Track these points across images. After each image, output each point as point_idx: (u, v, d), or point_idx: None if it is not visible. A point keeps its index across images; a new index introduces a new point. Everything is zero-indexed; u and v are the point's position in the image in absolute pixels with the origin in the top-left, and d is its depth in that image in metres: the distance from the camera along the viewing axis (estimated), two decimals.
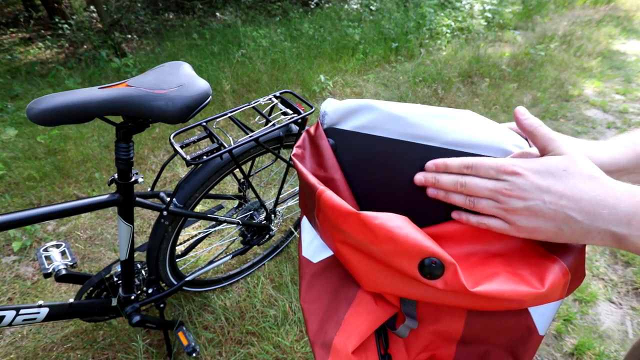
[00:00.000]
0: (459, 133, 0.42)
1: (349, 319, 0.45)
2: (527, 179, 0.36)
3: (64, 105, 0.64)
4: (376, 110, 0.44)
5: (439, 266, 0.37)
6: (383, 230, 0.38)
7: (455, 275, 0.37)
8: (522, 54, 3.39)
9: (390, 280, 0.42)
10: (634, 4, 5.18)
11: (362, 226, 0.39)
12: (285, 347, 1.22)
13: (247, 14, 4.76)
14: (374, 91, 2.90)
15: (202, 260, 1.53)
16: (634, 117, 2.63)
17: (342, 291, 0.48)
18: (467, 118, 0.43)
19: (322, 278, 0.49)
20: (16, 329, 1.28)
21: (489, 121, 0.43)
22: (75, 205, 0.78)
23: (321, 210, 0.43)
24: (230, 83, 2.78)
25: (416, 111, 0.43)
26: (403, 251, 0.38)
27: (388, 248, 0.39)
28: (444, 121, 0.42)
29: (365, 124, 0.45)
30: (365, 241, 0.40)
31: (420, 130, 0.42)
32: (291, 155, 0.49)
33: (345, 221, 0.40)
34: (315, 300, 0.49)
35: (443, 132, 0.42)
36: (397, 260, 0.39)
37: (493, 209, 0.39)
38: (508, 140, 0.42)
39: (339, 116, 0.47)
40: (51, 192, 1.86)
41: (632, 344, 0.62)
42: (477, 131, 0.42)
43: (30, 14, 4.78)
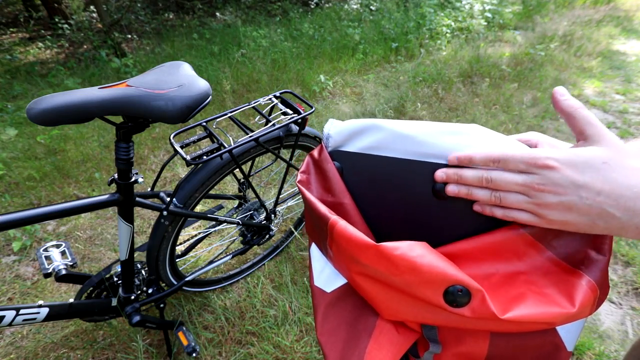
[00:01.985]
0: (469, 149, 0.41)
1: (372, 352, 0.42)
2: (562, 173, 0.33)
3: (64, 105, 0.64)
4: (383, 130, 0.43)
5: (465, 294, 0.35)
6: (404, 261, 0.36)
7: (483, 303, 0.36)
8: (522, 54, 3.39)
9: (412, 308, 0.40)
10: (634, 4, 5.18)
11: (382, 258, 0.37)
12: (285, 347, 1.22)
13: (247, 14, 4.76)
14: (374, 91, 2.90)
15: (202, 260, 1.53)
16: (634, 117, 2.63)
17: (360, 321, 0.45)
18: (475, 133, 0.42)
19: (337, 308, 0.47)
20: (16, 329, 1.28)
21: (497, 134, 0.42)
22: (75, 205, 0.78)
23: (335, 242, 0.41)
24: (230, 83, 2.78)
25: (424, 129, 0.42)
26: (427, 281, 0.36)
27: (410, 278, 0.37)
28: (452, 137, 0.41)
29: (371, 145, 0.44)
30: (386, 272, 0.38)
31: (430, 148, 0.41)
32: (296, 182, 0.47)
33: (363, 253, 0.39)
34: (332, 333, 0.46)
35: (452, 149, 0.41)
36: (420, 290, 0.37)
37: (523, 204, 0.37)
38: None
39: (343, 138, 0.45)
40: (51, 192, 1.86)
41: (631, 344, 0.62)
42: (485, 146, 0.41)
43: (30, 14, 4.78)
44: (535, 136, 0.45)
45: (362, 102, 2.76)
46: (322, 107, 2.64)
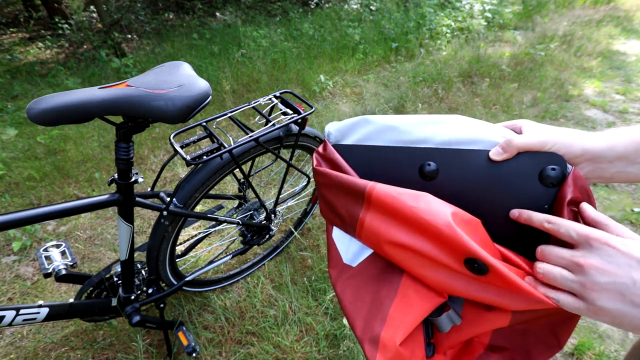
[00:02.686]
0: (449, 133, 0.45)
1: (394, 314, 0.45)
2: (617, 250, 0.30)
3: (64, 105, 0.64)
4: (372, 124, 0.49)
5: (482, 266, 0.38)
6: (432, 226, 0.40)
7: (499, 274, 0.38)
8: (522, 54, 3.39)
9: (436, 273, 0.43)
10: (634, 4, 5.18)
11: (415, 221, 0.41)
12: (285, 347, 1.22)
13: (247, 14, 4.76)
14: (374, 91, 2.90)
15: (202, 260, 1.53)
16: (634, 117, 2.63)
17: (384, 286, 0.48)
18: (455, 121, 0.46)
19: (362, 278, 0.51)
20: (16, 329, 1.28)
21: (478, 121, 0.46)
22: (75, 205, 0.78)
23: (373, 207, 0.45)
24: (230, 83, 2.78)
25: (407, 120, 0.48)
26: (449, 247, 0.40)
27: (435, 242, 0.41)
28: (433, 126, 0.46)
29: (364, 137, 0.49)
30: (417, 234, 0.42)
31: (413, 135, 0.46)
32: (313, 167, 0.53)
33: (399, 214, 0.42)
34: (356, 300, 0.50)
35: (434, 135, 0.45)
36: (444, 255, 0.41)
37: (567, 282, 0.34)
38: (497, 134, 0.44)
39: (341, 133, 0.51)
40: (51, 192, 1.86)
41: (632, 344, 0.62)
42: (466, 130, 0.45)
43: (30, 14, 4.77)
44: (522, 122, 0.47)
45: (362, 102, 2.76)
46: (322, 107, 2.64)
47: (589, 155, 0.41)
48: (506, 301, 0.41)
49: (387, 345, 0.44)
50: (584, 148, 0.41)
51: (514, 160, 0.42)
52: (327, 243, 0.56)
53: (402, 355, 0.45)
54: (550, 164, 0.42)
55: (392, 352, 0.44)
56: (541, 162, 0.42)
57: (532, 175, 0.42)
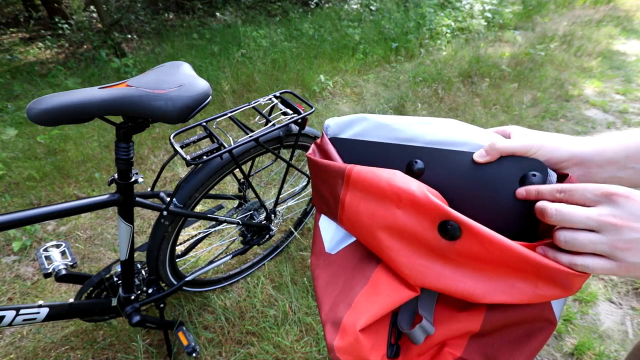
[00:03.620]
0: (437, 134, 0.47)
1: (360, 300, 0.46)
2: (635, 203, 0.30)
3: (64, 105, 0.64)
4: (367, 121, 0.52)
5: (456, 228, 0.40)
6: (407, 193, 0.42)
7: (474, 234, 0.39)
8: (522, 54, 3.39)
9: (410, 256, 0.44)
10: (634, 4, 5.18)
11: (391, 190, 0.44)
12: (285, 347, 1.22)
13: (247, 14, 4.76)
14: (374, 91, 2.90)
15: (202, 260, 1.53)
16: (634, 117, 2.63)
17: (357, 274, 0.50)
18: (446, 123, 0.48)
19: (338, 266, 0.53)
20: (16, 329, 1.28)
21: (469, 125, 0.47)
22: (75, 205, 0.78)
23: (351, 187, 0.48)
24: (230, 83, 2.78)
25: (401, 120, 0.50)
26: (423, 212, 0.42)
27: (410, 211, 0.43)
28: (424, 126, 0.48)
29: (359, 132, 0.52)
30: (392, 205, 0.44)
31: (404, 133, 0.49)
32: (306, 155, 0.56)
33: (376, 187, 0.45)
34: (328, 284, 0.52)
35: (423, 134, 0.48)
36: (419, 221, 0.42)
37: (598, 245, 0.33)
38: (484, 138, 0.45)
39: (339, 128, 0.54)
40: (51, 192, 1.86)
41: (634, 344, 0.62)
42: (454, 132, 0.46)
43: (30, 14, 4.77)
44: (511, 128, 0.48)
45: (362, 102, 2.76)
46: (322, 107, 2.64)
47: (577, 159, 0.41)
48: (480, 289, 0.41)
49: (347, 330, 0.45)
50: (571, 152, 0.41)
51: (497, 163, 0.43)
52: (314, 230, 0.58)
53: (362, 343, 0.45)
54: (532, 169, 0.42)
55: (351, 337, 0.44)
56: (523, 167, 0.42)
57: (514, 180, 0.43)
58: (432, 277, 0.43)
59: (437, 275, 0.43)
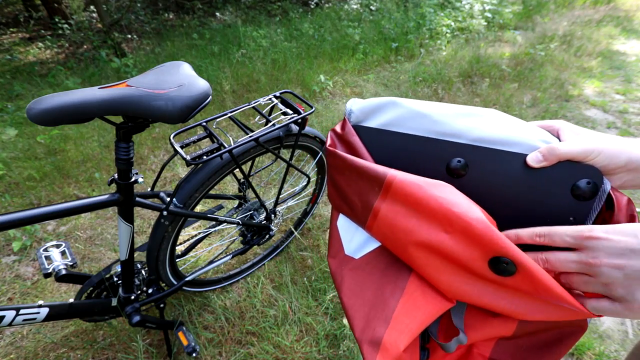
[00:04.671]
0: (485, 130, 0.41)
1: (399, 316, 0.42)
2: (611, 241, 0.31)
3: (64, 105, 0.64)
4: (401, 107, 0.44)
5: (511, 266, 0.36)
6: (461, 220, 0.37)
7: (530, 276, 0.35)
8: (522, 54, 3.39)
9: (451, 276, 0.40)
10: (634, 4, 5.18)
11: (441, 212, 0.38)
12: (285, 347, 1.22)
13: (247, 14, 4.76)
14: (374, 91, 2.90)
15: (202, 260, 1.53)
16: (634, 117, 2.63)
17: (388, 285, 0.45)
18: (493, 116, 0.42)
19: (365, 272, 0.48)
20: (16, 329, 1.28)
21: (515, 119, 0.42)
22: (75, 205, 0.78)
23: (391, 198, 0.42)
24: (230, 83, 2.78)
25: (441, 109, 0.43)
26: (476, 244, 0.37)
27: (460, 239, 0.38)
28: (469, 119, 0.42)
29: (390, 122, 0.45)
30: (439, 229, 0.39)
31: (446, 127, 0.43)
32: (326, 147, 0.49)
33: (423, 205, 0.39)
34: (357, 295, 0.47)
35: (468, 130, 0.42)
36: (467, 252, 0.38)
37: (591, 287, 0.34)
38: (535, 136, 0.41)
39: (364, 114, 0.47)
40: (51, 192, 1.86)
41: (634, 344, 0.62)
42: (503, 128, 0.41)
43: (30, 14, 4.77)
44: (559, 123, 0.44)
45: None
46: (322, 107, 2.64)
47: (633, 165, 0.39)
48: (521, 309, 0.39)
49: (388, 350, 0.41)
50: (629, 158, 0.38)
51: (550, 167, 0.39)
52: (330, 230, 0.53)
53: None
54: (587, 177, 0.39)
55: (393, 357, 0.41)
56: (578, 173, 0.39)
57: (565, 186, 0.40)
58: (472, 294, 0.40)
59: (477, 294, 0.40)
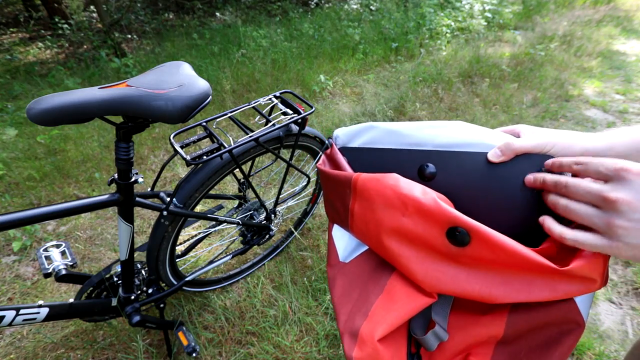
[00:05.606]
0: (447, 136, 0.47)
1: (376, 309, 0.46)
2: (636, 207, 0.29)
3: (64, 105, 0.64)
4: (376, 129, 0.52)
5: (464, 234, 0.39)
6: (412, 200, 0.42)
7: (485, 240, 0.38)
8: (522, 54, 3.39)
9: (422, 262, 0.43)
10: (634, 4, 5.18)
11: (396, 197, 0.43)
12: (285, 347, 1.22)
13: (247, 14, 4.76)
14: (374, 91, 2.90)
15: (202, 260, 1.53)
16: (634, 117, 2.63)
17: (371, 282, 0.50)
18: (456, 125, 0.47)
19: (353, 273, 0.53)
20: (16, 329, 1.28)
21: (478, 127, 0.47)
22: (75, 205, 0.78)
23: (359, 195, 0.48)
24: (230, 83, 2.78)
25: (409, 125, 0.50)
26: (431, 220, 0.41)
27: (417, 218, 0.42)
28: (433, 129, 0.48)
29: (369, 141, 0.53)
30: (398, 212, 0.44)
31: (413, 138, 0.49)
32: (317, 166, 0.58)
33: (383, 192, 0.45)
34: (344, 294, 0.52)
35: (432, 138, 0.48)
36: (427, 230, 0.42)
37: (592, 218, 0.32)
38: (495, 139, 0.45)
39: (348, 138, 0.56)
40: (51, 192, 1.86)
41: (632, 344, 0.62)
42: (464, 134, 0.46)
43: (30, 14, 4.77)
44: (521, 127, 0.48)
45: (362, 102, 2.76)
46: (322, 107, 2.64)
47: (589, 154, 0.41)
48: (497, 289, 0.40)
49: (365, 340, 0.44)
50: (584, 148, 0.41)
51: (510, 162, 0.43)
52: (328, 240, 0.58)
53: (381, 353, 0.44)
54: (538, 167, 0.42)
55: (370, 347, 0.44)
56: (536, 164, 0.42)
57: (519, 177, 0.43)
58: (447, 281, 0.42)
59: (451, 280, 0.42)
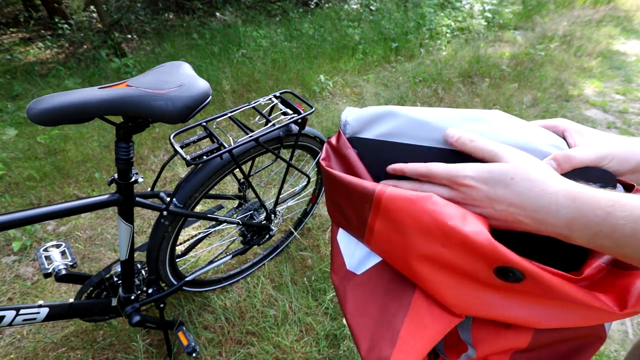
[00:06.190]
0: (491, 136, 0.39)
1: (405, 336, 0.40)
2: (478, 191, 0.37)
3: (64, 105, 0.64)
4: (399, 117, 0.42)
5: (518, 275, 0.34)
6: (457, 233, 0.35)
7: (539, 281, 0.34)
8: (522, 54, 3.39)
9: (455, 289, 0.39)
10: (634, 4, 5.18)
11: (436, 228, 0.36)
12: (285, 347, 1.22)
13: (247, 14, 4.76)
14: (373, 91, 2.90)
15: (202, 260, 1.53)
16: (634, 117, 2.63)
17: (392, 301, 0.43)
18: (497, 119, 0.40)
19: (368, 288, 0.46)
20: (16, 329, 1.28)
21: (520, 121, 0.41)
22: (75, 205, 0.78)
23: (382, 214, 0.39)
24: (230, 83, 2.78)
25: (442, 115, 0.41)
26: (478, 256, 0.35)
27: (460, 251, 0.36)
28: (472, 124, 0.40)
29: (389, 131, 0.43)
30: (437, 243, 0.37)
31: None
32: (320, 162, 0.47)
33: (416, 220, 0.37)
34: (362, 314, 0.45)
35: None
36: (470, 264, 0.36)
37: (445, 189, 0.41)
38: (543, 140, 0.39)
39: (360, 125, 0.45)
40: (51, 192, 1.86)
41: (633, 344, 0.62)
42: (510, 132, 0.39)
43: (30, 14, 4.77)
44: (563, 123, 0.44)
45: (362, 102, 2.76)
46: (322, 107, 2.64)
47: None
48: (534, 317, 0.37)
49: None
50: (638, 161, 0.38)
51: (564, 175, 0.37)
52: (331, 245, 0.51)
53: None
54: (601, 181, 0.37)
55: None
56: (591, 178, 0.37)
57: None
58: (480, 306, 0.38)
59: (486, 305, 0.38)
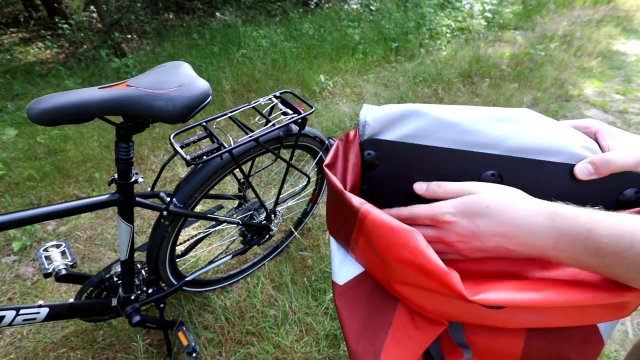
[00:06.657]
0: (521, 137, 0.37)
1: (389, 349, 0.40)
2: (460, 226, 0.37)
3: (64, 105, 0.64)
4: (425, 117, 0.39)
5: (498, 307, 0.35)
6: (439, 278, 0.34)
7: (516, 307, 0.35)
8: (522, 54, 3.39)
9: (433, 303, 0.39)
10: (634, 4, 5.18)
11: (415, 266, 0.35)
12: (285, 347, 1.22)
13: (247, 14, 4.76)
14: (373, 91, 2.90)
15: (202, 260, 1.53)
16: (634, 117, 2.63)
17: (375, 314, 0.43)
18: (528, 119, 0.38)
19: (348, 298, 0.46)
20: (16, 329, 1.28)
21: (551, 120, 0.38)
22: (75, 205, 0.78)
23: (365, 235, 0.38)
24: (230, 83, 2.78)
25: (470, 115, 0.39)
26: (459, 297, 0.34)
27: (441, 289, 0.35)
28: (503, 125, 0.38)
29: (412, 133, 0.40)
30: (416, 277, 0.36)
31: (478, 136, 0.38)
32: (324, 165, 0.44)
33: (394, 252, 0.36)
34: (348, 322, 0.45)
35: (503, 138, 0.37)
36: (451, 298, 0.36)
37: (451, 255, 0.41)
38: (576, 142, 0.37)
39: (381, 125, 0.42)
40: (51, 192, 1.86)
41: (633, 344, 0.62)
42: (541, 134, 0.37)
43: (30, 14, 4.77)
44: (595, 124, 0.42)
45: (362, 102, 2.76)
46: (322, 107, 2.64)
47: None
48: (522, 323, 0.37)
49: None
50: None
51: (603, 180, 0.36)
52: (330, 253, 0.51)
53: None
54: (635, 185, 0.35)
55: None
56: (626, 182, 0.35)
57: (612, 196, 0.36)
58: (464, 315, 0.38)
59: (471, 314, 0.37)
